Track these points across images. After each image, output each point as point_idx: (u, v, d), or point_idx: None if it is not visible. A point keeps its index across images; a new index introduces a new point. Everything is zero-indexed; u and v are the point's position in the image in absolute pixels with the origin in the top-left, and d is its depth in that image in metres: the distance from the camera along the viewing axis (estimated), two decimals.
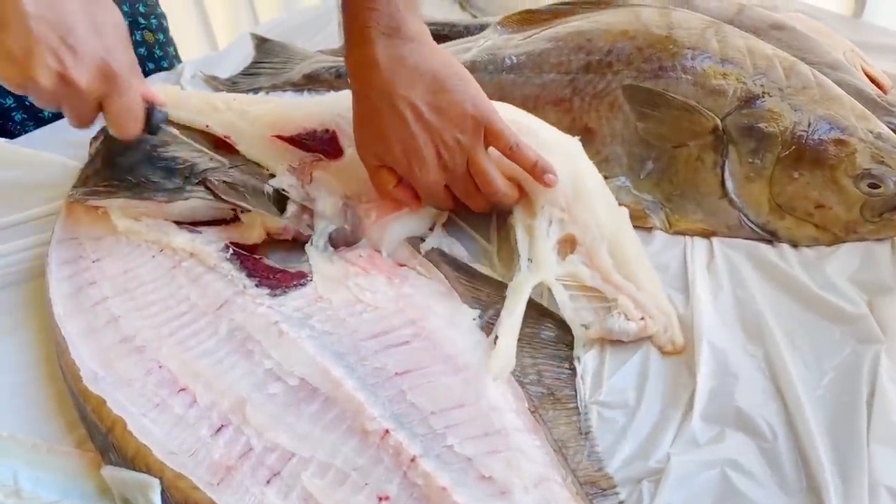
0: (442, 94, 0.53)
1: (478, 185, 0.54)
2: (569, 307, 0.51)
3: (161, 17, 0.92)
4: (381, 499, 0.41)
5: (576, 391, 0.48)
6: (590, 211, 0.54)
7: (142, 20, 0.88)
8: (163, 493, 0.42)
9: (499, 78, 0.68)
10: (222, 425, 0.45)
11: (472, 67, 0.67)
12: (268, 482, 0.42)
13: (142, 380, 0.48)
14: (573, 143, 0.58)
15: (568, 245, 0.54)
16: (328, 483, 0.42)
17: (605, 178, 0.61)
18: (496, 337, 0.49)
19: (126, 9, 0.87)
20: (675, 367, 0.50)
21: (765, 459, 0.44)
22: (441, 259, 0.55)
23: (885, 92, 0.68)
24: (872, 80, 0.68)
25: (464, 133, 0.53)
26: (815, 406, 0.46)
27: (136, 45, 0.88)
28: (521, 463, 0.42)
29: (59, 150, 0.72)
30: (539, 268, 0.52)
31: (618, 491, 0.43)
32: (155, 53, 0.90)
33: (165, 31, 0.92)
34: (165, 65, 0.91)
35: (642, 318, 0.50)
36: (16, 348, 0.54)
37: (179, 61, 0.94)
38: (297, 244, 0.58)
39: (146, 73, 0.88)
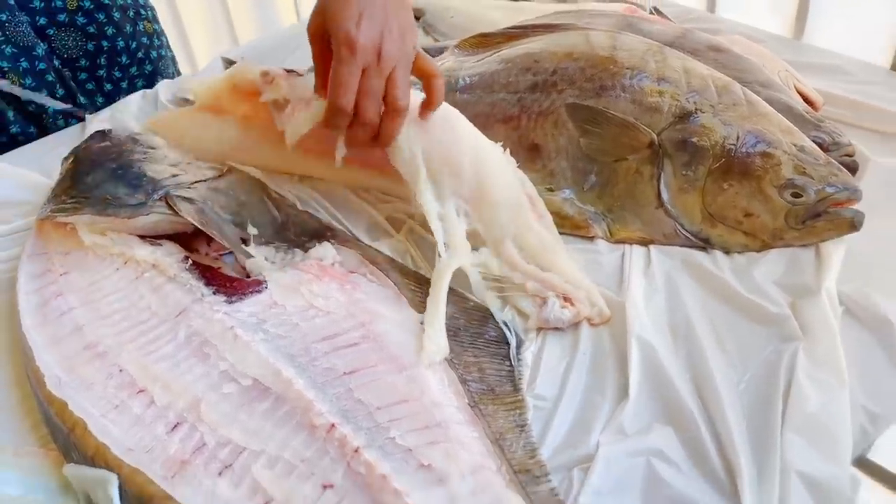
0: (404, 12, 0.57)
1: (388, 91, 0.56)
2: (483, 290, 0.55)
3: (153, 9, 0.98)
4: (325, 487, 0.43)
5: (515, 387, 0.51)
6: (493, 212, 0.57)
7: (142, 11, 0.94)
8: (121, 487, 0.45)
9: (453, 98, 0.71)
10: (178, 423, 0.47)
11: None
12: (220, 474, 0.45)
13: (103, 383, 0.50)
14: (494, 150, 0.60)
15: (473, 239, 0.57)
16: (276, 474, 0.44)
17: (551, 190, 0.65)
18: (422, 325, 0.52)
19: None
20: (606, 363, 0.53)
21: (687, 450, 0.47)
22: (390, 266, 0.59)
23: (816, 108, 0.72)
24: (805, 98, 0.72)
25: (408, 41, 0.56)
26: (736, 400, 0.49)
27: (139, 34, 0.92)
28: (458, 453, 0.45)
29: (35, 169, 0.75)
30: (456, 252, 0.56)
31: (550, 478, 0.46)
32: (154, 42, 0.96)
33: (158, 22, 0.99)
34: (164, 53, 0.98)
35: (571, 303, 0.54)
36: None
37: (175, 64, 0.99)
38: None
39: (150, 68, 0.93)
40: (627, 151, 0.64)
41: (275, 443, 0.46)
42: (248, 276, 0.58)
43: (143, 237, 0.60)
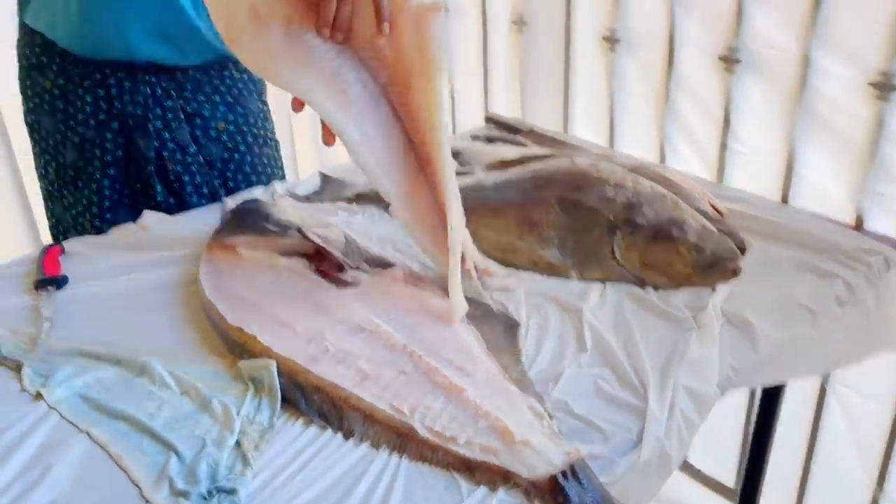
0: None
1: None
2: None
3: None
4: (400, 372, 0.74)
5: (514, 344, 0.83)
6: None
7: (270, 140, 1.29)
8: (277, 369, 0.75)
9: (481, 195, 1.07)
10: (311, 339, 0.79)
11: (467, 188, 1.07)
12: (338, 363, 0.75)
13: (260, 321, 0.82)
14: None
15: None
16: (371, 365, 0.75)
17: (543, 248, 0.99)
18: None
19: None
20: (568, 338, 0.84)
21: (617, 376, 0.78)
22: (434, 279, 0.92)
23: (721, 214, 1.07)
24: (714, 207, 1.07)
25: None
26: (651, 355, 0.80)
27: (264, 154, 1.27)
28: (478, 364, 0.76)
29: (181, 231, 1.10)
30: (458, 230, 0.85)
31: (535, 386, 0.76)
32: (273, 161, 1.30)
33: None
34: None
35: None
36: (171, 318, 0.89)
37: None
38: None
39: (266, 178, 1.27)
40: (593, 226, 0.99)
41: (368, 352, 0.77)
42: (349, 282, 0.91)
43: (280, 254, 0.94)
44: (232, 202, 1.16)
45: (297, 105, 0.85)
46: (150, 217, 1.10)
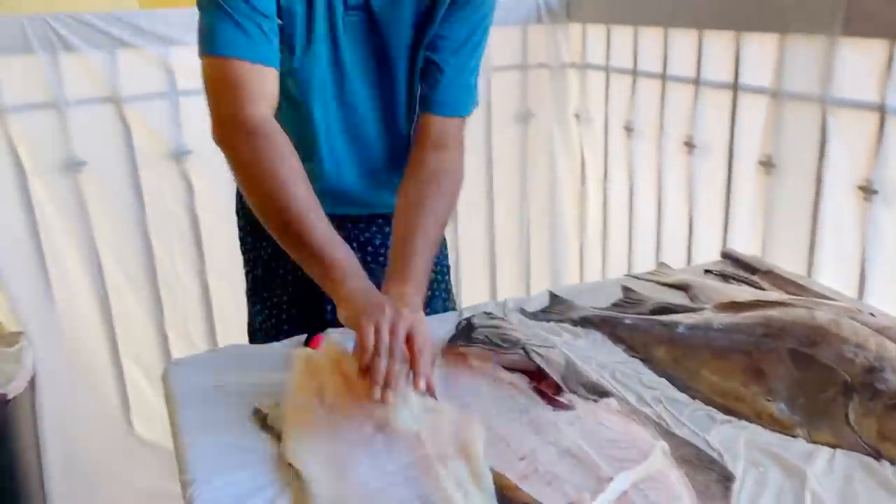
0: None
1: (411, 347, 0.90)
2: None
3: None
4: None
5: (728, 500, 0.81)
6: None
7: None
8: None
9: (706, 334, 1.07)
10: (523, 457, 0.83)
11: (694, 325, 1.08)
12: (546, 484, 0.79)
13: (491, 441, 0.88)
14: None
15: None
16: (576, 492, 0.78)
17: (769, 400, 0.96)
18: None
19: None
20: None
21: None
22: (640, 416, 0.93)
23: None
24: None
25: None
26: None
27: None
28: None
29: None
30: None
31: None
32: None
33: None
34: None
35: None
36: None
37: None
38: None
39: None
40: (828, 386, 0.94)
41: (576, 480, 0.80)
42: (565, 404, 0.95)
43: (504, 367, 1.01)
44: (468, 312, 1.26)
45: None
46: None
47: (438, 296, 1.39)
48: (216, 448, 0.89)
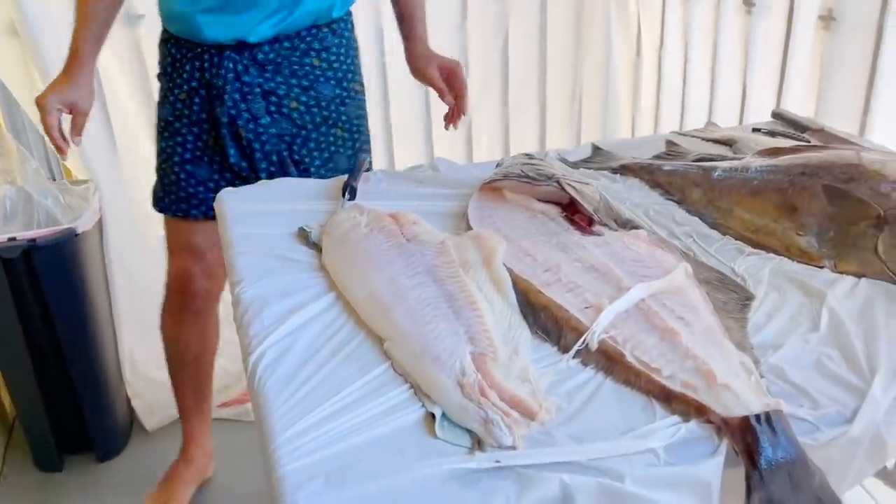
0: None
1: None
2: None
3: None
4: (623, 311, 0.80)
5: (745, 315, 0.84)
6: None
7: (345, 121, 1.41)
8: (514, 287, 0.85)
9: (743, 175, 1.08)
10: (548, 268, 0.87)
11: (731, 168, 1.08)
12: (567, 291, 0.83)
13: (510, 250, 0.92)
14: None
15: None
16: (596, 298, 0.82)
17: (800, 235, 0.97)
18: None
19: None
20: (803, 318, 0.83)
21: (846, 357, 0.75)
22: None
23: None
24: None
25: None
26: (893, 352, 0.77)
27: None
28: (699, 317, 0.79)
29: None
30: None
31: (753, 351, 0.77)
32: None
33: None
34: None
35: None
36: None
37: None
38: None
39: None
40: (859, 219, 0.94)
41: (597, 288, 0.84)
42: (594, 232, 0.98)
43: (538, 199, 1.04)
44: (508, 159, 1.28)
45: None
46: (441, 162, 1.27)
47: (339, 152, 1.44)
48: (262, 258, 0.96)
